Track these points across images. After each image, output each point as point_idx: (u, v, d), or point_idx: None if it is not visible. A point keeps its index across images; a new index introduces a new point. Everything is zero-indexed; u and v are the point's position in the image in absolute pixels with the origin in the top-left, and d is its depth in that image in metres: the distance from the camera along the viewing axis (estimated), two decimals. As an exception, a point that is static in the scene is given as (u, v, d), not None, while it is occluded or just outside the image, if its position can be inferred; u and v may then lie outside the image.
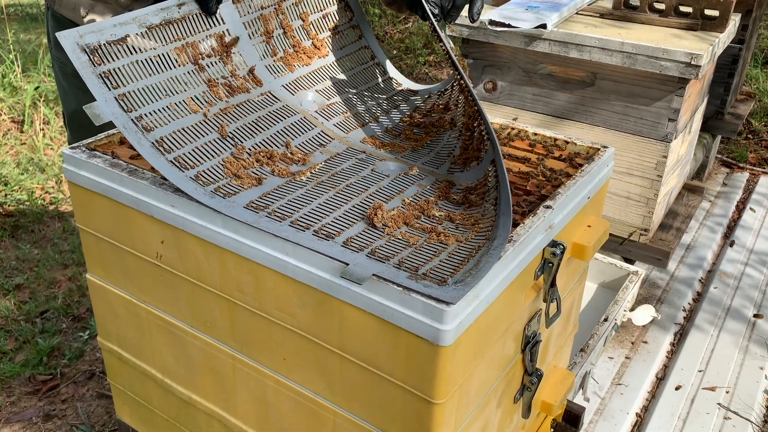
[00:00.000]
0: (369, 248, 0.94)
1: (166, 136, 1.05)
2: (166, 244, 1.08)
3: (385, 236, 0.97)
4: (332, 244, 0.94)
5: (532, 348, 1.12)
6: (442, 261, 0.92)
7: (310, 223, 0.98)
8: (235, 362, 1.11)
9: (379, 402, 0.95)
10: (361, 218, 1.01)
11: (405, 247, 0.95)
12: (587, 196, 1.16)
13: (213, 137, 1.10)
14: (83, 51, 1.00)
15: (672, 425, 1.78)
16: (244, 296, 1.02)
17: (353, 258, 0.91)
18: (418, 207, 1.04)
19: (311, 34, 1.33)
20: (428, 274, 0.88)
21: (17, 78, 3.91)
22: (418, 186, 1.11)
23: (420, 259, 0.92)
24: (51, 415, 1.95)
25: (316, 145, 1.19)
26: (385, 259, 0.91)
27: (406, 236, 0.97)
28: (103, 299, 1.27)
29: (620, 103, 1.93)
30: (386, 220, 1.00)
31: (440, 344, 0.84)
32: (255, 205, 1.01)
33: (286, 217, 0.99)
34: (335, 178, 1.11)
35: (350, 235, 0.96)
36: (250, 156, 1.11)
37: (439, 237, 0.97)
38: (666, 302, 2.24)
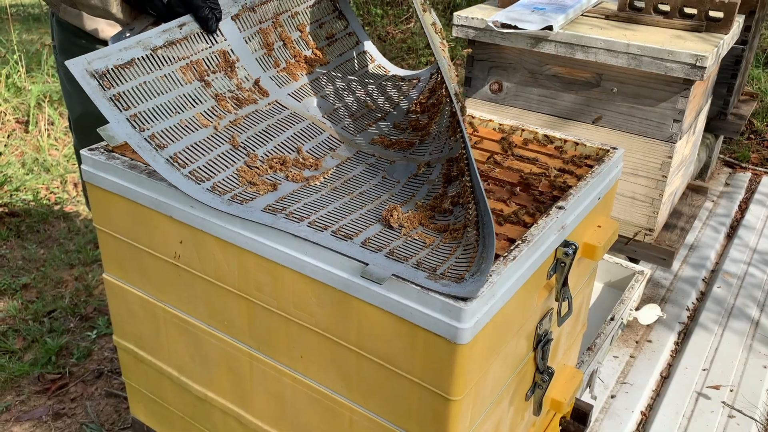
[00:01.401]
0: (387, 248, 0.95)
1: (180, 152, 1.07)
2: (184, 244, 1.09)
3: (402, 237, 0.99)
4: (351, 244, 0.95)
5: (543, 346, 1.14)
6: (458, 258, 0.94)
7: (327, 224, 1.00)
8: (253, 360, 1.12)
9: (396, 399, 0.97)
10: (377, 220, 1.03)
11: (422, 247, 0.97)
12: (598, 196, 1.18)
13: (225, 148, 1.12)
14: (92, 77, 1.03)
15: (677, 423, 1.79)
16: (263, 295, 1.04)
17: (372, 258, 0.92)
18: (430, 207, 1.07)
19: (310, 44, 1.36)
20: (446, 273, 0.90)
21: (21, 78, 3.92)
22: (428, 184, 1.13)
23: (437, 259, 0.94)
24: (60, 413, 1.96)
25: (327, 149, 1.21)
26: (404, 260, 0.93)
27: (422, 237, 0.99)
28: (119, 298, 1.29)
29: (625, 104, 1.95)
30: (402, 221, 1.01)
31: (458, 342, 0.86)
32: (272, 207, 1.03)
33: (304, 218, 1.01)
34: (348, 185, 1.13)
35: (368, 236, 0.98)
36: (263, 163, 1.13)
37: (452, 234, 0.99)
38: (670, 302, 2.26)
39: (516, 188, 1.15)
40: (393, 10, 5.54)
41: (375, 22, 5.39)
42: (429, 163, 1.17)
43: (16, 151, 3.40)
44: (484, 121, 1.38)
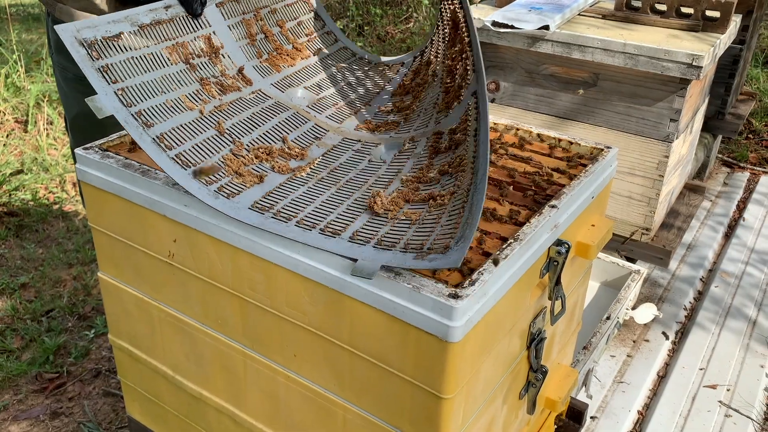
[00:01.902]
0: (375, 238, 0.95)
1: (166, 133, 1.06)
2: (178, 242, 1.10)
3: (389, 221, 0.99)
4: (339, 241, 0.95)
5: (537, 345, 1.14)
6: (443, 225, 0.94)
7: (315, 222, 1.00)
8: (246, 359, 1.13)
9: (389, 397, 0.97)
10: (364, 209, 1.03)
11: (409, 226, 0.97)
12: (591, 195, 1.18)
13: (211, 134, 1.12)
14: (81, 45, 1.03)
15: (673, 423, 1.80)
16: (256, 294, 1.04)
17: (361, 252, 0.93)
18: (415, 179, 1.07)
19: (290, 39, 1.37)
20: (433, 246, 0.90)
21: (21, 78, 3.92)
22: (413, 157, 1.13)
23: (424, 233, 0.94)
24: (58, 412, 1.96)
25: (312, 138, 1.22)
26: (392, 246, 0.93)
27: (408, 214, 1.00)
28: (114, 297, 1.29)
29: (622, 103, 1.95)
30: (386, 206, 1.02)
31: (449, 340, 0.86)
32: (259, 205, 1.03)
33: (292, 217, 1.01)
34: (335, 174, 1.13)
35: (356, 228, 0.98)
36: (249, 152, 1.13)
37: (437, 201, 0.99)
38: (667, 301, 2.26)
39: (509, 187, 1.15)
40: (393, 10, 5.54)
41: (374, 21, 5.39)
42: (413, 138, 1.17)
43: (15, 150, 3.41)
44: (479, 120, 1.38)
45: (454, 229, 0.91)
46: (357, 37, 4.90)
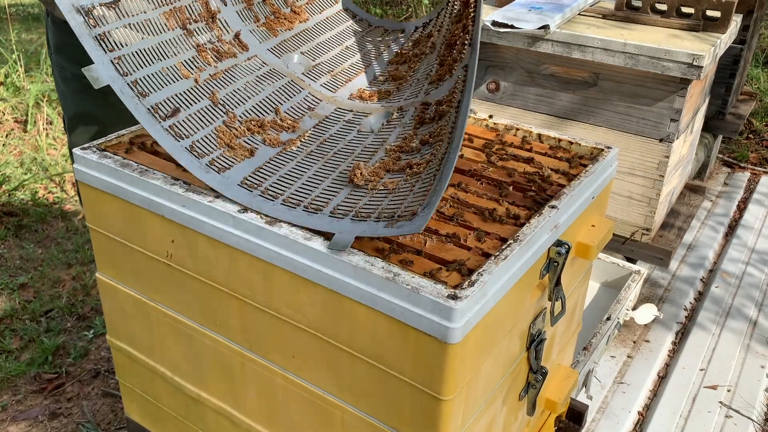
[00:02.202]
0: (353, 211, 0.97)
1: (161, 103, 1.07)
2: (176, 243, 1.09)
3: (369, 192, 1.02)
4: (321, 216, 0.97)
5: (537, 346, 1.14)
6: (415, 193, 0.96)
7: (300, 199, 1.02)
8: (245, 360, 1.12)
9: (388, 399, 0.97)
10: (346, 183, 1.05)
11: (386, 196, 0.99)
12: (591, 195, 1.18)
13: (205, 104, 1.12)
14: (78, 12, 1.02)
15: (674, 423, 1.79)
16: (255, 295, 1.04)
17: (339, 225, 0.95)
18: (398, 149, 1.10)
19: (288, 2, 1.37)
20: (403, 214, 0.92)
21: (20, 78, 3.92)
22: (400, 127, 1.15)
23: (397, 203, 0.96)
24: (57, 413, 1.96)
25: (305, 109, 1.23)
26: (367, 217, 0.95)
27: (387, 184, 1.02)
28: (112, 298, 1.29)
29: (623, 103, 1.95)
30: (366, 178, 1.04)
31: (448, 342, 0.86)
32: (249, 182, 1.04)
33: (279, 195, 1.02)
34: (323, 147, 1.15)
35: (337, 203, 1.00)
36: (242, 124, 1.13)
37: (413, 168, 1.02)
38: (668, 301, 2.25)
39: (509, 187, 1.14)
40: (393, 9, 5.53)
41: (374, 21, 5.38)
42: (402, 108, 1.18)
43: (14, 150, 3.41)
44: (478, 120, 1.37)
45: (423, 197, 0.93)
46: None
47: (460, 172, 1.19)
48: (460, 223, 1.04)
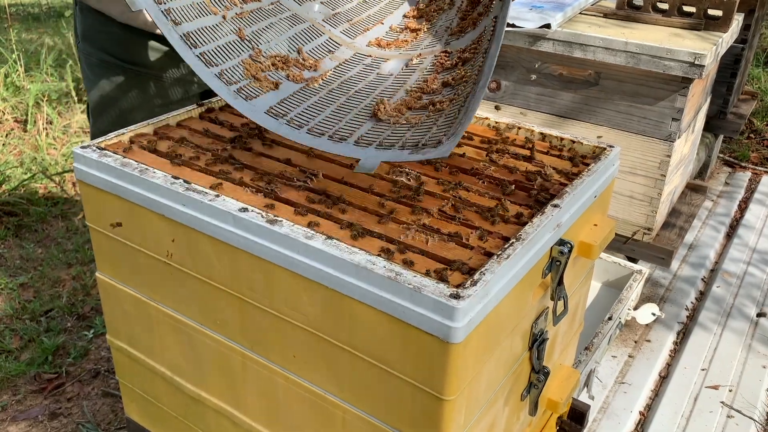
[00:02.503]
0: (377, 141, 1.02)
1: (192, 32, 1.12)
2: (176, 242, 1.09)
3: (391, 126, 1.07)
4: (346, 145, 1.03)
5: (539, 346, 1.13)
6: (438, 126, 1.01)
7: (325, 129, 1.08)
8: (245, 360, 1.11)
9: (389, 399, 0.96)
10: (369, 117, 1.11)
11: (408, 129, 1.04)
12: (594, 195, 1.17)
13: (232, 38, 1.18)
14: None
15: (675, 424, 1.79)
16: (255, 294, 1.03)
17: (364, 152, 1.00)
18: (419, 89, 1.15)
19: None
20: (427, 143, 0.97)
21: (20, 78, 3.92)
22: (419, 71, 1.21)
23: (420, 134, 1.01)
24: (57, 413, 1.95)
25: (325, 51, 1.29)
26: (391, 146, 1.00)
27: (409, 120, 1.08)
28: (112, 297, 1.28)
29: (624, 102, 1.94)
30: (390, 112, 1.10)
31: (451, 341, 0.85)
32: (275, 111, 1.10)
33: (304, 124, 1.09)
34: (345, 85, 1.21)
35: (361, 133, 1.06)
36: (267, 59, 1.20)
37: (436, 106, 1.07)
38: (669, 301, 2.25)
39: (511, 186, 1.14)
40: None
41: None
42: (421, 55, 1.24)
43: (14, 150, 3.40)
44: (480, 119, 1.37)
45: (448, 128, 0.98)
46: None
47: (461, 170, 1.19)
48: (462, 222, 1.03)
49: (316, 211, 1.03)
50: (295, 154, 1.21)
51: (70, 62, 3.99)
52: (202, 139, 1.25)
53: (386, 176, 1.15)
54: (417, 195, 1.10)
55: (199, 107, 1.36)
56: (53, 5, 5.83)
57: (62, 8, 5.57)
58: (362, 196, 1.09)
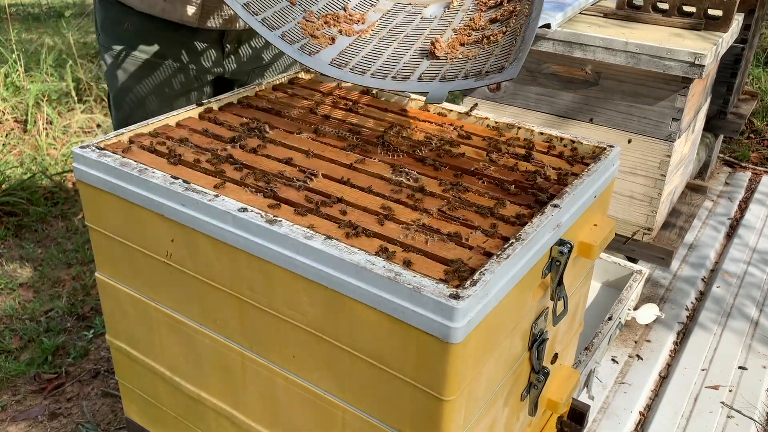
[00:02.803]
0: (439, 75, 1.12)
1: (250, 2, 1.27)
2: (176, 242, 1.08)
3: (449, 61, 1.16)
4: (410, 82, 1.13)
5: (539, 346, 1.13)
6: (496, 56, 1.11)
7: (387, 72, 1.19)
8: (245, 360, 1.11)
9: (389, 399, 0.96)
10: (425, 56, 1.23)
11: (466, 62, 1.14)
12: (594, 194, 1.17)
13: (284, 5, 1.33)
14: None
15: (675, 424, 1.78)
16: (255, 294, 1.03)
17: (429, 87, 1.10)
18: (467, 27, 1.25)
19: None
20: (489, 70, 1.06)
21: (20, 78, 3.91)
22: (463, 12, 1.32)
23: (480, 64, 1.11)
24: (56, 413, 1.95)
25: (368, 5, 1.43)
26: (453, 78, 1.10)
27: (465, 54, 1.18)
28: (112, 297, 1.28)
29: (624, 102, 1.94)
30: (445, 49, 1.20)
31: (450, 342, 0.85)
32: (337, 62, 1.24)
33: (366, 70, 1.20)
34: (394, 31, 1.32)
35: (422, 71, 1.16)
36: (319, 19, 1.35)
37: (490, 39, 1.17)
38: (669, 301, 2.25)
39: (511, 186, 1.14)
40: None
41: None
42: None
43: (14, 150, 3.40)
44: (480, 119, 1.37)
45: (507, 57, 1.08)
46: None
47: (461, 170, 1.19)
48: (462, 222, 1.03)
49: (315, 211, 1.03)
50: (295, 154, 1.21)
51: (70, 62, 3.99)
52: (201, 139, 1.25)
53: (386, 176, 1.15)
54: (417, 195, 1.10)
55: (198, 107, 1.36)
56: (53, 5, 5.84)
57: (62, 8, 5.57)
58: (362, 196, 1.09)
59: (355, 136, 1.29)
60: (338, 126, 1.33)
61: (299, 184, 1.10)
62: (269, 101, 1.42)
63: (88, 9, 5.31)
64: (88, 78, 3.97)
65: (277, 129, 1.30)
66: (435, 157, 1.22)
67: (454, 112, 1.40)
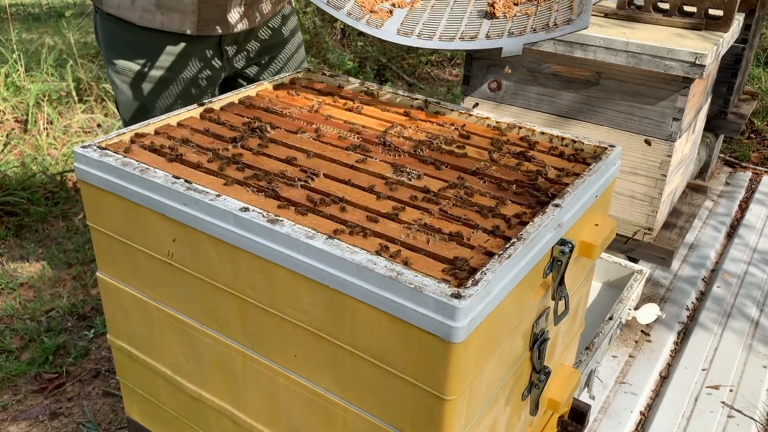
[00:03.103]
0: (505, 32, 1.24)
1: None
2: (177, 242, 1.09)
3: (509, 20, 1.27)
4: (479, 41, 1.24)
5: (540, 345, 1.13)
6: (557, 11, 1.20)
7: (452, 35, 1.29)
8: (246, 359, 1.11)
9: (390, 398, 0.96)
10: (482, 17, 1.33)
11: (528, 18, 1.23)
12: (595, 194, 1.17)
13: None
14: None
15: (676, 424, 1.78)
16: (256, 294, 1.03)
17: (500, 43, 1.22)
18: None
19: None
20: (557, 23, 1.16)
21: (20, 78, 3.91)
22: None
23: (543, 19, 1.22)
24: (57, 413, 1.95)
25: None
26: (522, 33, 1.22)
27: (524, 12, 1.26)
28: (113, 297, 1.28)
29: (625, 102, 1.94)
30: (503, 9, 1.27)
31: (452, 341, 0.85)
32: (402, 31, 1.33)
33: (432, 35, 1.30)
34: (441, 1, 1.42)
35: (486, 31, 1.28)
36: None
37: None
38: (670, 301, 2.25)
39: (512, 186, 1.14)
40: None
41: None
42: None
43: (14, 150, 3.40)
44: (481, 118, 1.37)
45: (570, 10, 1.19)
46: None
47: (462, 170, 1.19)
48: (464, 221, 1.03)
49: (317, 211, 1.03)
50: (296, 153, 1.22)
51: (70, 62, 3.99)
52: (203, 139, 1.25)
53: (387, 176, 1.15)
54: (418, 194, 1.10)
55: (200, 107, 1.36)
56: (53, 5, 5.84)
57: (62, 8, 5.57)
58: (363, 196, 1.09)
59: (357, 136, 1.29)
60: (339, 125, 1.33)
61: (301, 184, 1.10)
62: (270, 101, 1.42)
63: (88, 9, 5.31)
64: (89, 78, 3.97)
65: (278, 128, 1.30)
66: (436, 157, 1.22)
67: (455, 111, 1.40)
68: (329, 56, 4.35)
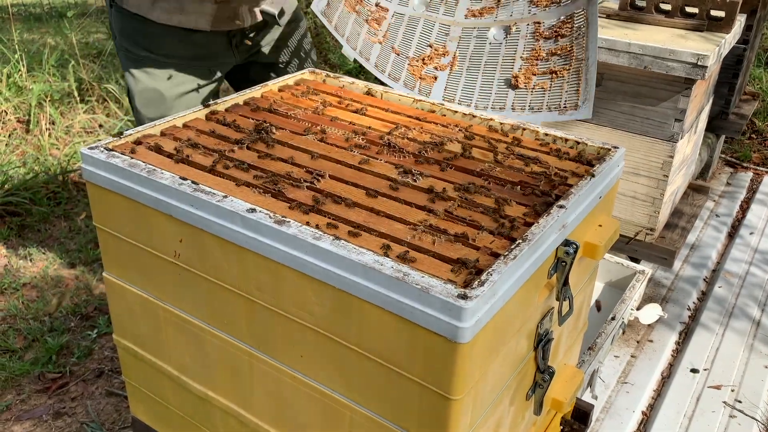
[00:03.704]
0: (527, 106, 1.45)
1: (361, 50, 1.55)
2: (184, 243, 1.09)
3: (530, 92, 1.46)
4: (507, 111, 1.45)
5: (544, 346, 1.14)
6: (567, 92, 1.34)
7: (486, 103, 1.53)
8: (253, 359, 1.12)
9: (396, 398, 0.97)
10: (508, 86, 1.52)
11: (544, 94, 1.43)
12: (599, 195, 1.18)
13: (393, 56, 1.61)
14: None
15: (678, 423, 1.79)
16: (263, 294, 1.04)
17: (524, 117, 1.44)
18: (533, 57, 1.44)
19: None
20: (566, 106, 1.32)
21: (22, 78, 3.92)
22: (522, 39, 1.51)
23: (556, 99, 1.40)
24: (61, 412, 1.96)
25: (443, 35, 1.65)
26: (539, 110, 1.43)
27: (540, 85, 1.39)
28: (119, 297, 1.29)
29: (627, 103, 1.95)
30: (525, 82, 1.48)
31: (458, 341, 0.86)
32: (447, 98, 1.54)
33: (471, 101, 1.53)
34: (473, 60, 1.60)
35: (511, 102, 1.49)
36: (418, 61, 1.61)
37: (557, 74, 1.39)
38: (671, 301, 2.25)
39: (517, 187, 1.14)
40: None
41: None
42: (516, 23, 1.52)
43: (16, 150, 3.40)
44: (485, 120, 1.38)
45: (576, 95, 1.37)
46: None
47: (467, 172, 1.19)
48: (469, 222, 1.04)
49: (323, 212, 1.04)
50: (301, 154, 1.22)
51: (72, 62, 3.99)
52: (208, 140, 1.25)
53: (392, 177, 1.16)
54: (423, 196, 1.10)
55: (205, 108, 1.37)
56: (55, 5, 5.84)
57: (64, 8, 5.57)
58: (368, 197, 1.10)
59: (361, 137, 1.29)
60: (344, 127, 1.33)
61: (307, 185, 1.11)
62: (275, 102, 1.43)
63: (90, 9, 5.31)
64: (91, 78, 3.98)
65: (283, 130, 1.31)
66: (441, 158, 1.22)
67: (459, 113, 1.40)
68: (330, 56, 4.35)
